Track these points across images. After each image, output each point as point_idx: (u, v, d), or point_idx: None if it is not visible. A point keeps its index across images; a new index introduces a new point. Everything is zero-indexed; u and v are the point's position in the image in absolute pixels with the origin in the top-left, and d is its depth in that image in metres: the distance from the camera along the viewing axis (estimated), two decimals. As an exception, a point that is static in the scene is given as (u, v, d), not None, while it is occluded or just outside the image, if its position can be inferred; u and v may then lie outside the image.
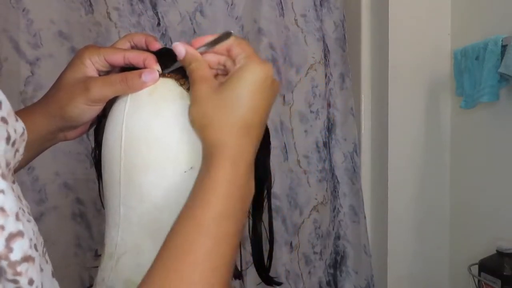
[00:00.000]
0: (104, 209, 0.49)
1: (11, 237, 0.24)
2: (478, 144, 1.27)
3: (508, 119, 1.14)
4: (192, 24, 1.27)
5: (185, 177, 0.44)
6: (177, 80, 0.46)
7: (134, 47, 0.50)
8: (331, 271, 1.43)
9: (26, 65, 1.12)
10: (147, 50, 0.48)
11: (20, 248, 0.25)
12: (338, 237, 1.44)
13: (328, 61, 1.42)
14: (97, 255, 0.50)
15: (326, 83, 1.42)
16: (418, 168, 1.38)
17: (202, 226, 0.36)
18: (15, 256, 0.25)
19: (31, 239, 0.26)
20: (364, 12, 1.43)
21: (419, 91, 1.37)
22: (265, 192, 0.53)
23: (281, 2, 1.35)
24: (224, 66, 0.45)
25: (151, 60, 0.45)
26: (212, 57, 0.44)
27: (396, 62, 1.34)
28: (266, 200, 0.53)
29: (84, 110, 0.45)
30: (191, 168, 0.44)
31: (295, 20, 1.37)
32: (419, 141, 1.37)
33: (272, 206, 0.54)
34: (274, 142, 1.29)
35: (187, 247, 0.35)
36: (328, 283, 1.42)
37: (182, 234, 0.36)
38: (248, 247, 0.53)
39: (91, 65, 0.45)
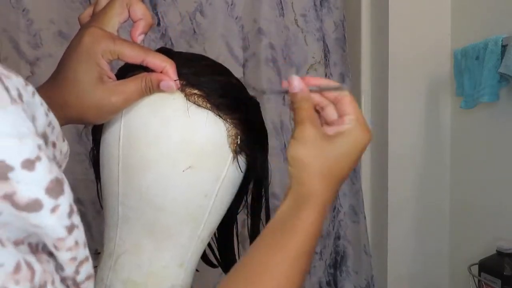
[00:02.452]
0: (102, 209, 0.49)
1: (80, 264, 0.27)
2: (478, 144, 1.27)
3: (508, 119, 1.14)
4: (192, 24, 1.27)
5: (183, 177, 0.44)
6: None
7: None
8: (331, 271, 1.43)
9: (26, 65, 1.12)
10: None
11: (85, 270, 0.27)
12: (338, 237, 1.44)
13: (328, 61, 1.42)
14: (97, 253, 0.50)
15: (326, 83, 1.42)
16: (418, 168, 1.38)
17: (289, 257, 0.40)
18: (80, 277, 0.27)
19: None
20: (364, 12, 1.43)
21: (419, 91, 1.37)
22: (263, 191, 0.53)
23: (281, 2, 1.35)
24: (323, 109, 0.46)
25: (171, 71, 0.43)
26: (318, 97, 0.46)
27: (396, 62, 1.34)
28: (264, 199, 0.53)
29: (109, 118, 0.45)
30: (189, 167, 0.44)
31: (295, 20, 1.37)
32: (419, 141, 1.37)
33: (272, 206, 0.54)
34: (274, 142, 1.29)
35: (276, 271, 0.40)
36: (328, 283, 1.42)
37: (266, 260, 0.40)
38: (248, 246, 0.53)
39: (106, 64, 0.42)
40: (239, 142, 0.46)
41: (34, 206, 0.23)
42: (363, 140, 0.43)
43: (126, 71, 0.46)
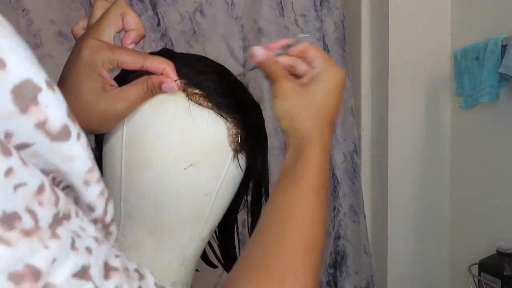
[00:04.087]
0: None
1: (107, 201, 0.27)
2: (478, 144, 1.27)
3: (508, 119, 1.15)
4: (192, 24, 1.27)
5: (185, 175, 0.44)
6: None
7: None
8: (331, 271, 1.43)
9: (26, 65, 1.12)
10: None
11: (111, 209, 0.28)
12: (338, 237, 1.44)
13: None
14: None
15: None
16: (418, 168, 1.38)
17: (305, 195, 0.41)
18: (108, 218, 0.28)
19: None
20: (364, 12, 1.43)
21: (419, 91, 1.37)
22: (263, 190, 0.53)
23: (281, 2, 1.35)
24: (294, 67, 0.49)
25: (171, 72, 0.43)
26: (284, 59, 0.48)
27: (396, 62, 1.34)
28: (264, 199, 0.53)
29: (114, 126, 0.45)
30: (191, 165, 0.44)
31: (295, 20, 1.38)
32: (419, 141, 1.37)
33: (272, 205, 0.54)
34: (274, 142, 1.29)
35: (295, 209, 0.40)
36: (328, 283, 1.42)
37: (283, 203, 0.41)
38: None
39: (107, 74, 0.42)
40: (239, 141, 0.46)
41: (64, 134, 0.23)
42: (337, 75, 0.47)
43: (129, 72, 0.46)
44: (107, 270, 0.24)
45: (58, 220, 0.22)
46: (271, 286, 0.35)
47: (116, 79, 0.47)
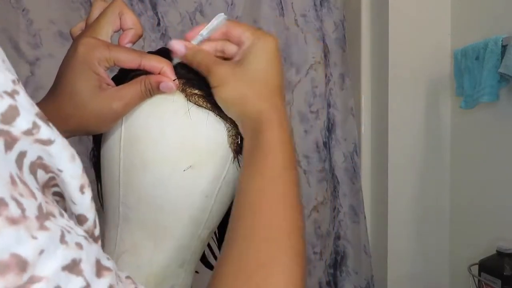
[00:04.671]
0: (103, 209, 0.49)
1: (96, 213, 0.26)
2: (478, 144, 1.27)
3: (508, 119, 1.14)
4: (192, 24, 1.27)
5: (184, 176, 0.44)
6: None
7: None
8: (331, 271, 1.43)
9: (26, 65, 1.12)
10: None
11: (98, 223, 0.27)
12: (338, 237, 1.44)
13: (328, 61, 1.42)
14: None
15: (326, 83, 1.42)
16: (418, 168, 1.38)
17: (270, 178, 0.39)
18: (97, 231, 0.27)
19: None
20: (364, 12, 1.43)
21: (419, 91, 1.37)
22: None
23: (281, 2, 1.35)
24: (222, 51, 0.46)
25: (169, 71, 0.43)
26: (209, 46, 0.46)
27: (396, 62, 1.34)
28: None
29: (111, 125, 0.44)
30: (190, 167, 0.44)
31: (295, 20, 1.37)
32: (419, 141, 1.37)
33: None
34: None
35: (264, 198, 0.39)
36: (328, 283, 1.42)
37: (254, 192, 0.39)
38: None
39: (103, 72, 0.42)
40: (239, 142, 0.46)
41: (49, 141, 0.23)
42: (270, 43, 0.44)
43: (127, 71, 0.46)
44: (99, 268, 0.23)
45: (43, 214, 0.21)
46: (254, 280, 0.34)
47: (115, 78, 0.47)
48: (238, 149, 0.46)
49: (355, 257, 1.42)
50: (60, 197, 0.25)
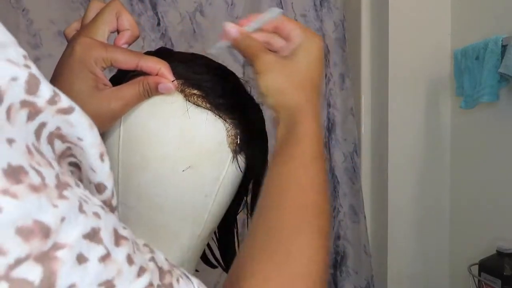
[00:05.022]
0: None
1: (114, 183, 0.27)
2: (478, 144, 1.27)
3: (508, 119, 1.14)
4: (192, 24, 1.27)
5: (183, 176, 0.44)
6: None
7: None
8: (331, 271, 1.43)
9: (26, 65, 1.12)
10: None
11: (116, 194, 0.27)
12: (338, 237, 1.44)
13: (328, 61, 1.42)
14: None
15: (326, 83, 1.42)
16: (418, 168, 1.38)
17: (303, 165, 0.41)
18: (115, 202, 0.28)
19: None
20: (364, 12, 1.43)
21: (419, 91, 1.37)
22: None
23: (281, 2, 1.35)
24: (269, 43, 0.47)
25: (167, 72, 0.43)
26: (260, 35, 0.47)
27: (396, 62, 1.34)
28: None
29: (109, 126, 0.45)
30: (189, 167, 0.44)
31: (295, 20, 1.37)
32: (419, 141, 1.37)
33: (272, 205, 0.54)
34: (274, 142, 1.29)
35: (294, 180, 0.40)
36: (328, 283, 1.42)
37: (288, 176, 0.40)
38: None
39: (100, 72, 0.42)
40: (238, 142, 0.46)
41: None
42: (317, 44, 0.46)
43: (126, 71, 0.46)
44: (117, 237, 0.23)
45: (61, 183, 0.21)
46: (277, 261, 0.34)
47: (113, 78, 0.47)
48: (237, 149, 0.46)
49: (355, 257, 1.42)
50: (75, 168, 0.25)
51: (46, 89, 0.22)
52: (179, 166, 0.44)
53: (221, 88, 0.46)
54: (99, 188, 0.26)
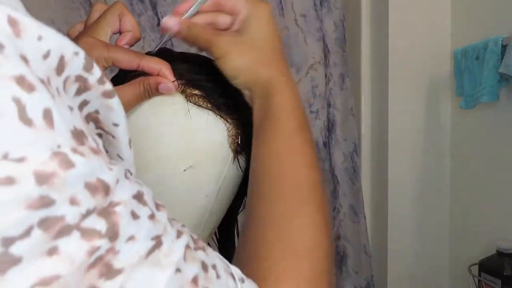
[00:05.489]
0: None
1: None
2: (478, 144, 1.27)
3: (508, 119, 1.14)
4: (192, 24, 1.27)
5: (184, 176, 0.44)
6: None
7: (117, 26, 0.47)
8: (331, 271, 1.43)
9: (26, 65, 1.12)
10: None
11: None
12: (338, 237, 1.44)
13: (328, 61, 1.42)
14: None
15: (326, 83, 1.42)
16: (418, 168, 1.38)
17: (286, 139, 0.40)
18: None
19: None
20: (364, 12, 1.43)
21: (419, 91, 1.37)
22: None
23: (281, 2, 1.35)
24: (214, 23, 0.46)
25: (168, 72, 0.43)
26: (200, 19, 0.45)
27: (396, 62, 1.34)
28: None
29: None
30: (190, 167, 0.44)
31: (295, 20, 1.37)
32: (419, 141, 1.37)
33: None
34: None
35: (281, 158, 0.39)
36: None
37: (272, 153, 0.40)
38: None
39: (101, 71, 0.43)
40: (239, 142, 0.46)
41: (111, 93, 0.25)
42: (264, 9, 0.44)
43: (127, 71, 0.46)
44: (156, 204, 0.25)
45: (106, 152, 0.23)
46: (281, 249, 0.34)
47: (114, 78, 0.47)
48: (238, 149, 0.46)
49: (355, 257, 1.42)
50: None
51: (97, 69, 0.24)
52: (180, 166, 0.44)
53: (222, 88, 0.46)
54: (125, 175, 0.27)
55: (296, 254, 0.34)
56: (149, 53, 0.49)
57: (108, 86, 0.24)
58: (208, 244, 0.53)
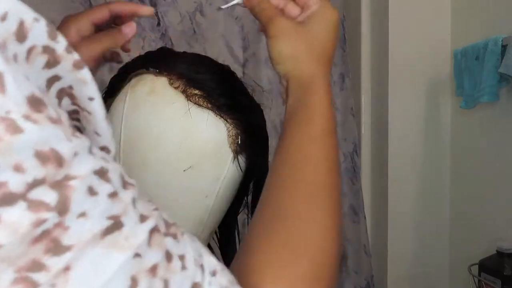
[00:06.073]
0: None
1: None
2: (478, 144, 1.27)
3: (508, 119, 1.14)
4: (192, 24, 1.27)
5: (184, 176, 0.44)
6: (169, 79, 0.45)
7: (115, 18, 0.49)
8: (331, 271, 1.43)
9: (26, 65, 1.12)
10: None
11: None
12: (338, 237, 1.44)
13: (328, 61, 1.42)
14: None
15: (326, 83, 1.42)
16: (418, 168, 1.38)
17: (314, 139, 0.39)
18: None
19: None
20: (364, 12, 1.43)
21: (419, 91, 1.37)
22: None
23: (281, 2, 1.35)
24: (283, 10, 0.46)
25: (136, 6, 0.46)
26: (276, 1, 0.45)
27: (396, 62, 1.34)
28: None
29: None
30: (190, 167, 0.44)
31: (295, 20, 1.37)
32: (419, 141, 1.37)
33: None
34: (274, 142, 1.29)
35: (305, 156, 0.39)
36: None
37: (298, 149, 0.39)
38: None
39: (76, 34, 0.45)
40: (239, 142, 0.46)
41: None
42: (333, 15, 0.44)
43: (126, 71, 0.46)
44: (124, 182, 0.24)
45: (72, 125, 0.22)
46: (285, 236, 0.33)
47: (115, 78, 0.47)
48: (238, 149, 0.46)
49: (355, 257, 1.42)
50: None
51: (62, 38, 0.23)
52: (180, 166, 0.44)
53: (223, 88, 0.46)
54: (97, 134, 0.26)
55: (297, 253, 0.33)
56: (149, 53, 0.49)
57: (76, 55, 0.24)
58: (209, 244, 0.53)
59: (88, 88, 0.24)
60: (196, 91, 0.45)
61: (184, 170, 0.44)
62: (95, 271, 0.20)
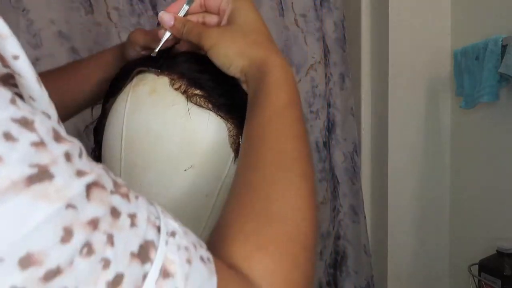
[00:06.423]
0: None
1: None
2: (478, 144, 1.27)
3: (508, 119, 1.15)
4: (192, 24, 1.27)
5: (185, 176, 0.44)
6: (171, 80, 0.46)
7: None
8: (331, 271, 1.43)
9: (26, 65, 1.12)
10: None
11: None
12: (338, 237, 1.44)
13: (328, 61, 1.42)
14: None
15: (326, 83, 1.42)
16: (418, 168, 1.38)
17: (276, 112, 0.40)
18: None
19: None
20: (364, 12, 1.43)
21: (419, 91, 1.37)
22: None
23: (281, 2, 1.35)
24: (204, 23, 0.49)
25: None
26: (193, 18, 0.49)
27: (396, 62, 1.34)
28: None
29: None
30: (191, 166, 0.44)
31: (295, 20, 1.37)
32: (419, 141, 1.38)
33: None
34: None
35: (269, 129, 0.39)
36: (328, 283, 1.42)
37: (261, 125, 0.40)
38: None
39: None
40: (240, 142, 0.46)
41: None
42: (244, 2, 0.46)
43: (129, 69, 0.46)
44: (57, 136, 0.22)
45: (13, 92, 0.21)
46: (257, 212, 0.34)
47: (115, 78, 0.47)
48: (239, 149, 0.46)
49: (355, 257, 1.42)
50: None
51: None
52: (181, 166, 0.44)
53: (223, 88, 0.46)
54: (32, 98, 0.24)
55: (268, 216, 0.33)
56: (149, 53, 0.49)
57: None
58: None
59: (8, 43, 0.22)
60: (197, 91, 0.45)
61: (185, 170, 0.44)
62: (19, 220, 0.19)
